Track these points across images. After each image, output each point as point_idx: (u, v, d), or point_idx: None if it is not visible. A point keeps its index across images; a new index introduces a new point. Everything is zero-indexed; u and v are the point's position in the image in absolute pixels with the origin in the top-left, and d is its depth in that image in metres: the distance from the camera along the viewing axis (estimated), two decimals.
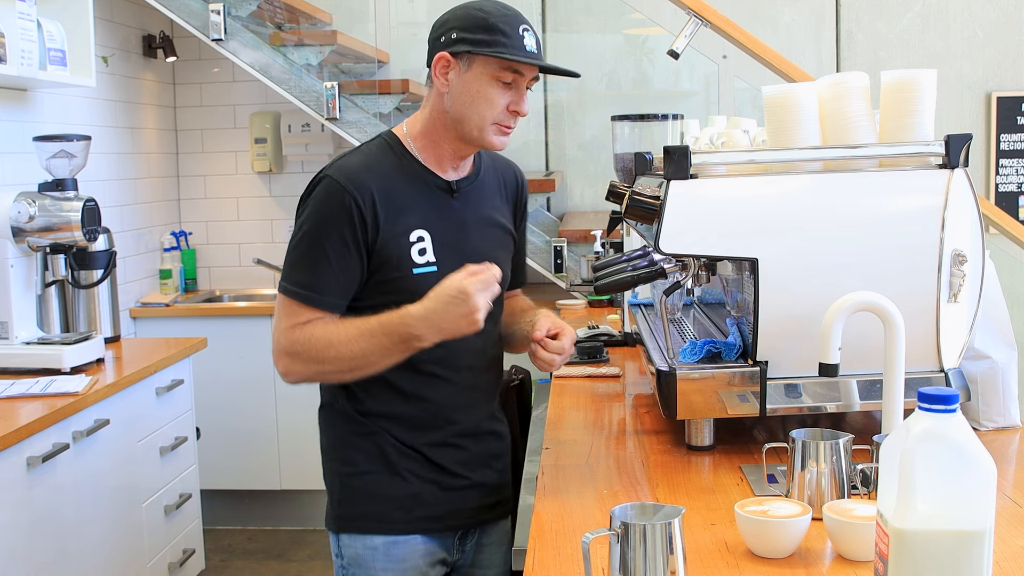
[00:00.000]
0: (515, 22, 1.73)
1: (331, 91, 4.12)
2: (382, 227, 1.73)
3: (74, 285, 3.27)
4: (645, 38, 4.92)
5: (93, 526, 2.80)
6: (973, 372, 1.92)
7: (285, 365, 1.77)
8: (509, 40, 1.71)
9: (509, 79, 1.73)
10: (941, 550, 1.07)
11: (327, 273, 1.73)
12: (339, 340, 1.70)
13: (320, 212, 1.73)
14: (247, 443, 4.40)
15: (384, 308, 1.71)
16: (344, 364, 1.71)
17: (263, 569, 4.15)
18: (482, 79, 1.73)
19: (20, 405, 2.58)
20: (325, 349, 1.71)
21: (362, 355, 1.69)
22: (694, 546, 1.45)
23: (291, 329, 1.74)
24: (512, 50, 1.71)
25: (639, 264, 2.00)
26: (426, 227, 1.78)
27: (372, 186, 1.73)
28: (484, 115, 1.74)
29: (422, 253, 1.77)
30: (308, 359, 1.73)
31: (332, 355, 1.71)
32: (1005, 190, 4.72)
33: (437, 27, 1.78)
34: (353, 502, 1.84)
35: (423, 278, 1.75)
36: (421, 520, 1.83)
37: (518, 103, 1.76)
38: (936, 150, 1.80)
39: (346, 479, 1.85)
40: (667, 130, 2.62)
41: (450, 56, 1.74)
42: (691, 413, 1.86)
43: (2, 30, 2.96)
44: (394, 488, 1.81)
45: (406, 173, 1.79)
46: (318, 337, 1.72)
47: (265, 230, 4.89)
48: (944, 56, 4.67)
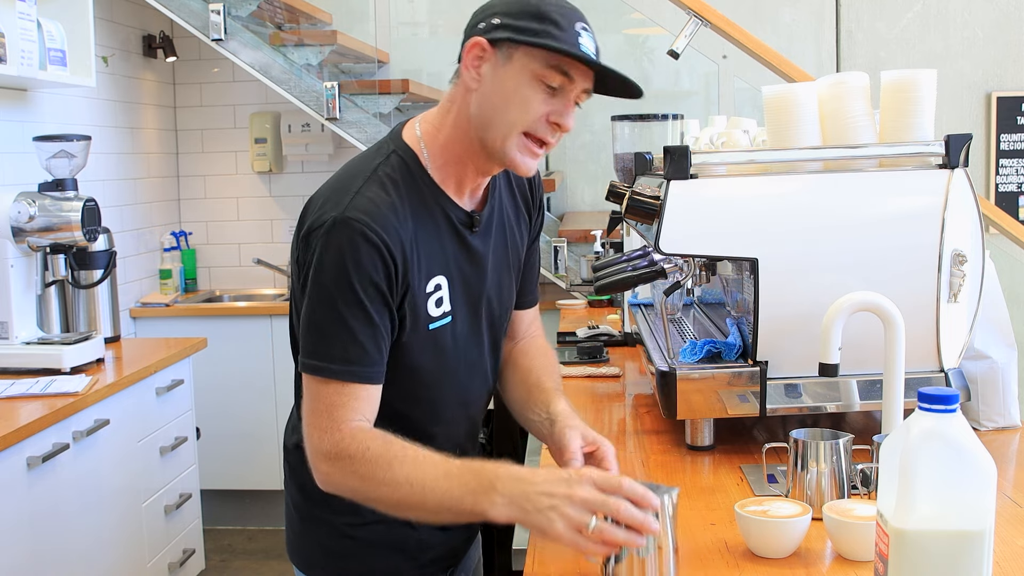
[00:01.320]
0: (572, 16, 1.41)
1: (331, 91, 4.12)
2: (411, 279, 1.43)
3: (74, 285, 3.27)
4: (645, 38, 4.92)
5: (93, 526, 2.80)
6: (973, 372, 1.92)
7: (326, 472, 1.40)
8: (563, 33, 1.38)
9: (556, 82, 1.40)
10: (941, 550, 1.08)
11: (367, 337, 1.39)
12: (401, 461, 1.34)
13: (348, 267, 1.37)
14: (247, 443, 4.40)
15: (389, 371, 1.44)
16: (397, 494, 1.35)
17: (263, 569, 4.15)
18: (522, 76, 1.40)
19: (20, 405, 2.58)
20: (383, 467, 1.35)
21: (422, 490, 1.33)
22: (694, 546, 1.45)
23: (332, 426, 1.38)
24: (563, 44, 1.38)
25: (639, 264, 2.00)
26: (445, 272, 1.48)
27: (400, 230, 1.41)
28: (514, 120, 1.41)
29: (439, 304, 1.48)
30: (363, 475, 1.37)
31: (388, 478, 1.35)
32: (1005, 190, 4.72)
33: (477, 13, 1.46)
34: (357, 556, 1.60)
35: (437, 333, 1.49)
36: (427, 565, 1.64)
37: (562, 113, 1.42)
38: (936, 150, 1.80)
39: (348, 530, 1.58)
40: (667, 130, 2.62)
41: (487, 43, 1.41)
42: (691, 413, 1.86)
43: (2, 30, 2.96)
44: (401, 536, 1.59)
45: (427, 204, 1.46)
46: (380, 451, 1.36)
47: (265, 230, 4.89)
48: (944, 56, 4.67)
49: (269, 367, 4.34)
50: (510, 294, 1.66)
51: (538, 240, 1.74)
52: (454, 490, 1.31)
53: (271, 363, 4.34)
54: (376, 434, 1.38)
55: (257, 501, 4.54)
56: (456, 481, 1.32)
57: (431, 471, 1.33)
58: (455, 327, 1.52)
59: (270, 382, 4.35)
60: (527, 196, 1.67)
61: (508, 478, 1.29)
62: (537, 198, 1.70)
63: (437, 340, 1.50)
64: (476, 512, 1.30)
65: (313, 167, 4.83)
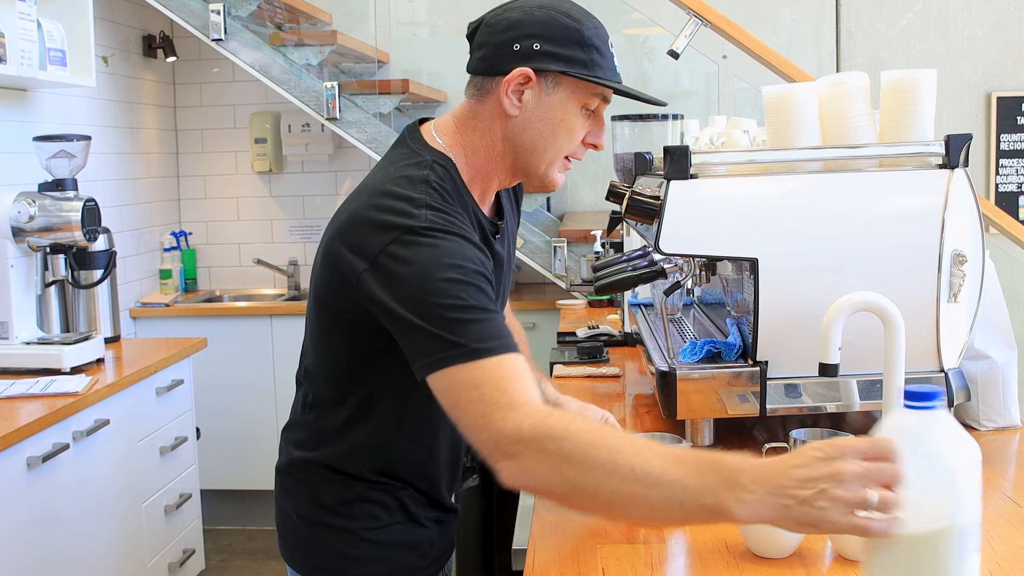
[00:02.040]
0: (605, 36, 1.46)
1: (331, 91, 4.12)
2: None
3: (74, 285, 3.28)
4: (645, 38, 4.92)
5: (93, 526, 2.80)
6: (973, 372, 1.92)
7: (520, 460, 1.19)
8: (604, 60, 1.43)
9: (595, 106, 1.46)
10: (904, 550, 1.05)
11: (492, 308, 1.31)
12: (613, 447, 1.15)
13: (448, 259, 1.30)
14: (247, 443, 4.40)
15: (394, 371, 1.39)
16: (612, 482, 1.14)
17: (263, 569, 4.15)
18: (569, 105, 1.43)
19: (20, 405, 2.58)
20: (592, 449, 1.15)
21: (657, 481, 1.12)
22: (694, 546, 1.45)
23: (513, 402, 1.20)
24: (609, 72, 1.43)
25: (639, 264, 2.00)
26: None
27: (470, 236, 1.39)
28: (561, 148, 1.44)
29: None
30: (564, 457, 1.16)
31: (600, 462, 1.14)
32: (1005, 190, 4.72)
33: (505, 29, 1.43)
34: (376, 559, 1.60)
35: None
36: (434, 562, 1.67)
37: (597, 135, 1.49)
38: (936, 150, 1.80)
39: (367, 534, 1.58)
40: (667, 130, 2.62)
41: (533, 73, 1.41)
42: (691, 413, 1.86)
43: (2, 30, 2.96)
44: (416, 536, 1.62)
45: (468, 213, 1.45)
46: (584, 431, 1.17)
47: (265, 230, 4.89)
48: (944, 56, 4.67)
49: (269, 367, 4.34)
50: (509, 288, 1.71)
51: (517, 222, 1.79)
52: (690, 483, 1.11)
53: (271, 363, 4.34)
54: (576, 418, 1.21)
55: (257, 501, 4.54)
56: (692, 472, 1.11)
57: (658, 460, 1.13)
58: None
59: (270, 382, 4.35)
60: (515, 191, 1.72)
61: (754, 470, 1.09)
62: (520, 191, 1.75)
63: None
64: (717, 511, 1.10)
65: (313, 167, 4.83)
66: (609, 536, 1.51)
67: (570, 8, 1.46)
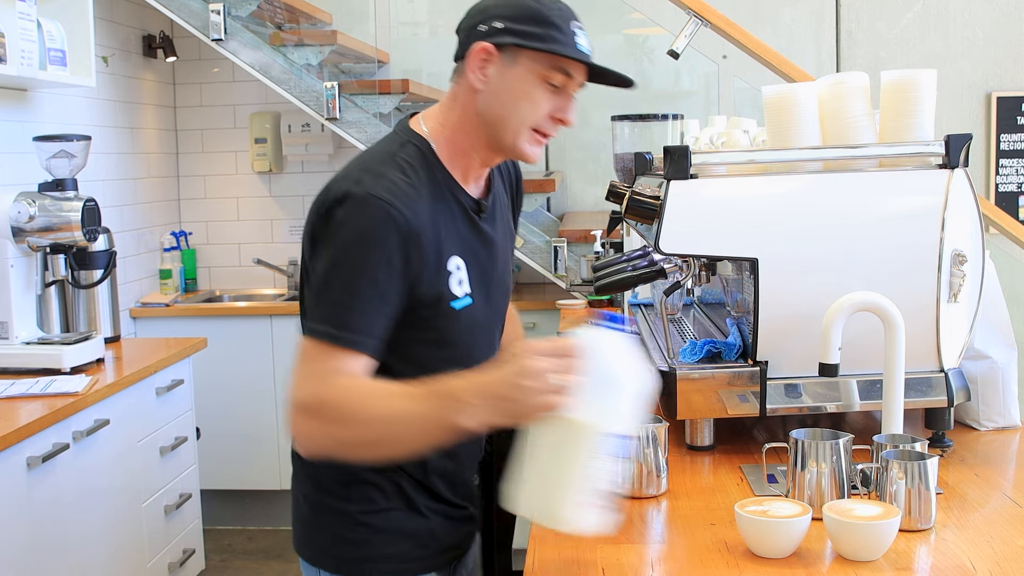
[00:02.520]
0: (568, 15, 1.52)
1: (331, 91, 4.12)
2: (428, 257, 1.49)
3: (74, 285, 3.28)
4: (645, 38, 4.92)
5: (93, 526, 2.80)
6: (973, 372, 1.92)
7: (299, 426, 1.43)
8: (563, 36, 1.50)
9: (558, 81, 1.52)
10: (556, 430, 1.29)
11: (371, 310, 1.44)
12: (369, 400, 1.39)
13: (369, 240, 1.43)
14: (247, 443, 4.40)
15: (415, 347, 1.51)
16: (372, 432, 1.40)
17: (263, 569, 4.15)
18: (528, 78, 1.51)
19: (20, 405, 2.58)
20: (356, 409, 1.40)
21: (394, 421, 1.38)
22: (694, 546, 1.45)
23: (315, 380, 1.42)
24: (567, 48, 1.50)
25: (639, 264, 2.00)
26: (462, 254, 1.55)
27: (418, 206, 1.48)
28: (525, 118, 1.52)
29: (460, 284, 1.54)
30: (335, 419, 1.40)
31: (361, 417, 1.39)
32: (1005, 190, 4.72)
33: (475, 14, 1.55)
34: (372, 543, 1.62)
35: (461, 313, 1.54)
36: (436, 555, 1.65)
37: (564, 110, 1.54)
38: (936, 150, 1.80)
39: (363, 518, 1.61)
40: (667, 130, 2.62)
41: (493, 48, 1.50)
42: (691, 413, 1.86)
43: (2, 30, 2.96)
44: (415, 525, 1.62)
45: (442, 190, 1.55)
46: (350, 395, 1.40)
47: (265, 230, 4.89)
48: (944, 56, 4.67)
49: (269, 367, 4.34)
50: (510, 278, 1.73)
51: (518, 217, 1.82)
52: (427, 412, 1.35)
53: (271, 363, 4.34)
54: (345, 383, 1.41)
55: (257, 501, 4.54)
56: (425, 403, 1.36)
57: (399, 402, 1.38)
58: (475, 309, 1.57)
59: (270, 382, 4.35)
60: (513, 186, 1.77)
61: (470, 387, 1.34)
62: (520, 188, 1.80)
63: (462, 320, 1.55)
64: (453, 428, 1.35)
65: (313, 167, 4.83)
66: (609, 536, 1.51)
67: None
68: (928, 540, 1.44)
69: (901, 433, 1.63)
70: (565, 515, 1.31)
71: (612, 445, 1.30)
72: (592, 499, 1.31)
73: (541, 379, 1.29)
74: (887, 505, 1.43)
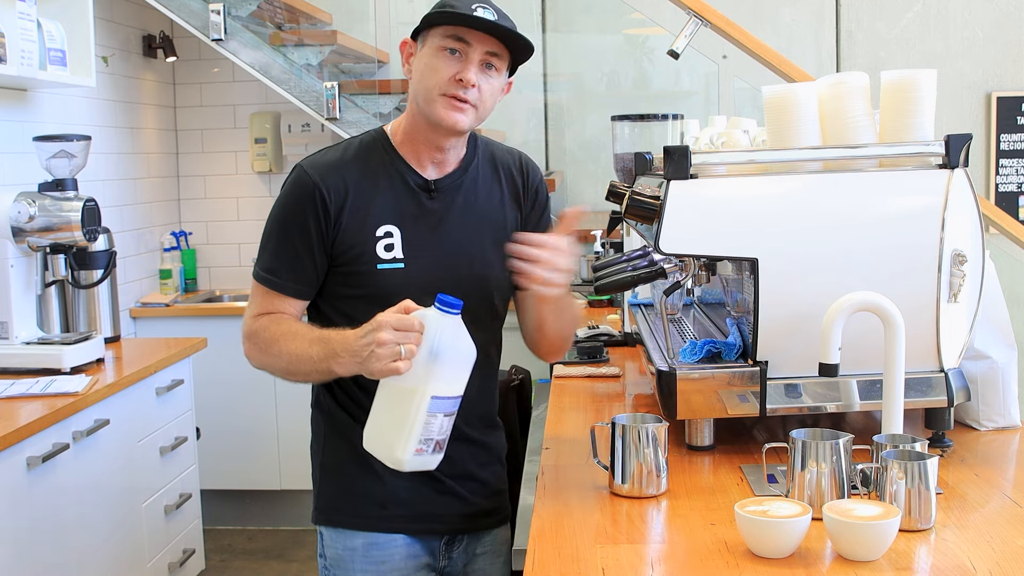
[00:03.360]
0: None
1: (331, 91, 4.12)
2: (346, 220, 1.73)
3: (74, 285, 3.27)
4: (645, 38, 4.92)
5: (93, 526, 2.80)
6: (973, 372, 1.92)
7: (246, 348, 1.79)
8: (455, 8, 1.67)
9: (454, 47, 1.68)
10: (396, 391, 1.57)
11: (290, 260, 1.74)
12: (283, 338, 1.71)
13: (288, 200, 1.75)
14: (247, 443, 4.40)
15: (349, 302, 1.75)
16: (282, 363, 1.72)
17: (263, 569, 4.15)
18: (430, 51, 1.70)
19: (20, 405, 2.58)
20: (272, 343, 1.72)
21: (295, 358, 1.69)
22: (694, 546, 1.45)
23: (255, 316, 1.77)
24: (448, 17, 1.67)
25: (639, 264, 2.00)
26: (397, 224, 1.75)
27: (340, 179, 1.74)
28: (431, 86, 1.69)
29: (388, 249, 1.74)
30: (261, 348, 1.75)
31: (275, 351, 1.72)
32: (1005, 190, 4.72)
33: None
34: (331, 495, 1.84)
35: (389, 274, 1.74)
36: (398, 519, 1.80)
37: (462, 71, 1.68)
38: (936, 150, 1.80)
39: (325, 472, 1.85)
40: (667, 130, 2.62)
41: (410, 39, 1.77)
42: (691, 413, 1.86)
43: (2, 30, 2.96)
44: (369, 486, 1.79)
45: (385, 169, 1.78)
46: (271, 330, 1.73)
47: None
48: (944, 56, 4.67)
49: None
50: (500, 271, 1.77)
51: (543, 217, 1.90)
52: (315, 355, 1.65)
53: None
54: (273, 318, 1.75)
55: (257, 501, 4.54)
56: (315, 347, 1.65)
57: (296, 343, 1.69)
58: (409, 275, 1.74)
59: (270, 382, 4.34)
60: (515, 182, 1.87)
61: (341, 341, 1.60)
62: (531, 185, 1.88)
63: (391, 281, 1.73)
64: (331, 372, 1.64)
65: None
66: (609, 536, 1.51)
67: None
68: (928, 540, 1.44)
69: (901, 433, 1.63)
70: (400, 457, 1.57)
71: (439, 404, 1.56)
72: (422, 446, 1.56)
73: (386, 347, 1.52)
74: (887, 505, 1.43)
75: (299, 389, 1.91)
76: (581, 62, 4.88)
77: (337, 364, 1.62)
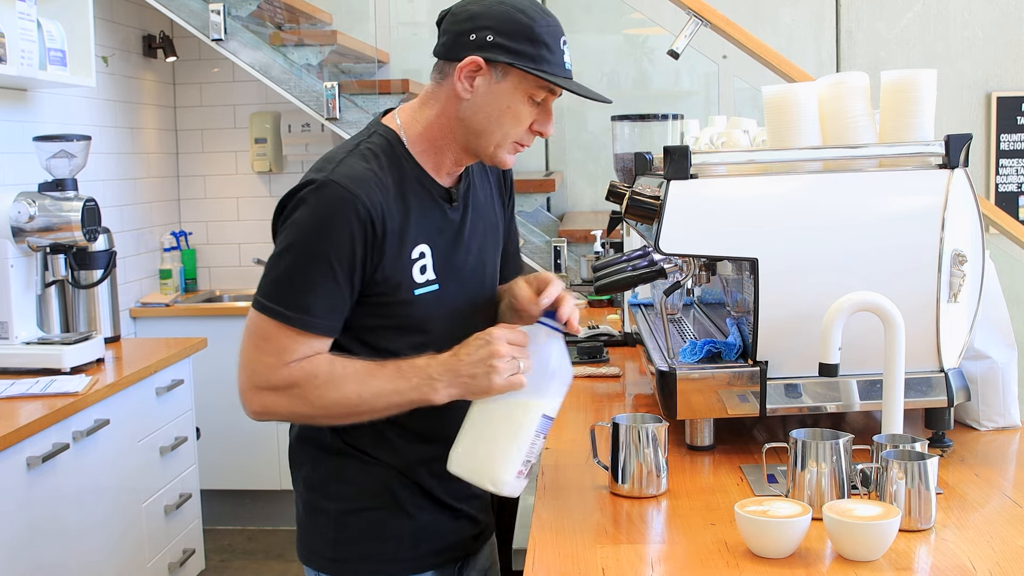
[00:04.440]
0: (557, 33, 1.56)
1: (331, 91, 4.12)
2: (388, 244, 1.53)
3: (74, 285, 3.27)
4: (645, 38, 4.92)
5: (93, 526, 2.80)
6: (973, 372, 1.92)
7: (264, 402, 1.51)
8: (553, 56, 1.53)
9: (541, 97, 1.56)
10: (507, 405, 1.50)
11: (328, 293, 1.50)
12: (350, 379, 1.49)
13: (324, 223, 1.49)
14: (247, 443, 4.39)
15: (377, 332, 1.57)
16: (346, 407, 1.50)
17: (263, 569, 4.15)
18: (515, 95, 1.54)
19: (20, 405, 2.58)
20: (332, 387, 1.49)
21: (373, 396, 1.48)
22: (694, 546, 1.45)
23: (282, 365, 1.49)
24: (556, 68, 1.53)
25: (639, 264, 2.00)
26: (428, 241, 1.58)
27: (379, 195, 1.51)
28: (508, 133, 1.56)
29: (423, 271, 1.58)
30: (300, 397, 1.50)
31: (336, 396, 1.49)
32: (1005, 190, 4.72)
33: (464, 20, 1.55)
34: (353, 542, 1.64)
35: (424, 299, 1.58)
36: (427, 556, 1.66)
37: (544, 123, 1.58)
38: (936, 150, 1.80)
39: (342, 517, 1.64)
40: (667, 130, 2.62)
41: (483, 62, 1.52)
42: (691, 413, 1.86)
43: (2, 30, 2.96)
44: (400, 525, 1.63)
45: (408, 179, 1.58)
46: (320, 373, 1.49)
47: (265, 230, 4.83)
48: (944, 56, 4.67)
49: None
50: (495, 270, 1.75)
51: (514, 220, 1.84)
52: (400, 389, 1.48)
53: None
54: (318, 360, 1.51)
55: (257, 501, 4.54)
56: (399, 381, 1.48)
57: (375, 379, 1.49)
58: (444, 296, 1.60)
59: None
60: (500, 180, 1.79)
61: (438, 364, 1.48)
62: (509, 182, 1.81)
63: (425, 306, 1.58)
64: (422, 400, 1.49)
65: None
66: (609, 536, 1.51)
67: (527, 6, 1.55)
68: (928, 540, 1.44)
69: (901, 433, 1.63)
70: (503, 477, 1.49)
71: (545, 424, 1.51)
72: (523, 468, 1.50)
73: (506, 362, 1.45)
74: (887, 505, 1.43)
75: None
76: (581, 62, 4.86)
77: (434, 391, 1.48)
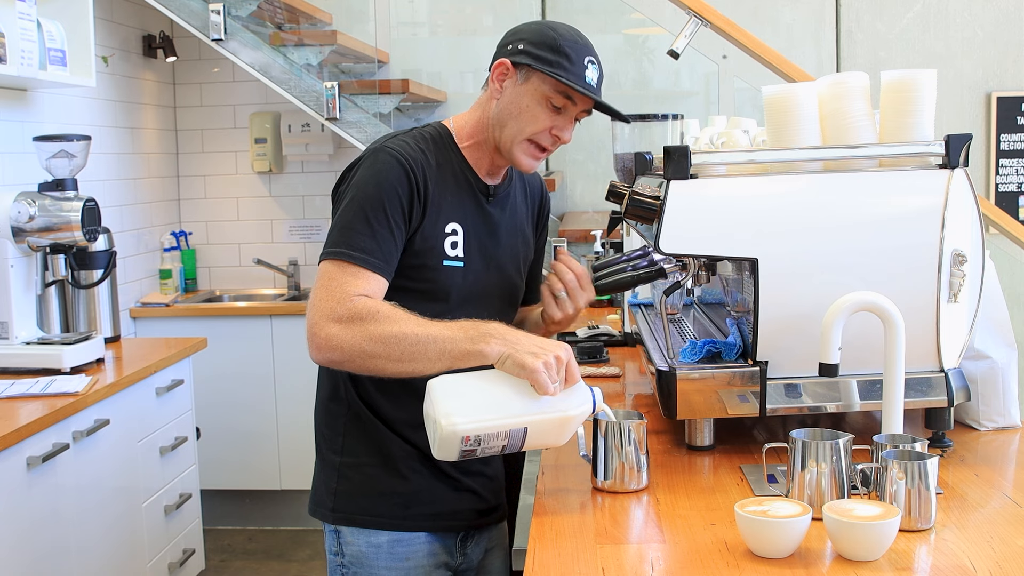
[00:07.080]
0: (583, 51, 1.74)
1: (331, 91, 4.12)
2: (428, 210, 1.73)
3: (74, 285, 3.28)
4: (645, 38, 4.92)
5: (93, 526, 2.80)
6: (973, 372, 1.92)
7: (329, 334, 1.61)
8: (571, 66, 1.72)
9: (560, 103, 1.74)
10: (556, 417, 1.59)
11: (384, 239, 1.68)
12: (407, 320, 1.60)
13: (382, 179, 1.69)
14: (247, 443, 4.40)
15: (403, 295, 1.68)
16: (403, 345, 1.58)
17: (263, 569, 4.15)
18: (534, 95, 1.74)
19: (20, 405, 2.58)
20: (392, 322, 1.59)
21: (429, 339, 1.57)
22: (694, 546, 1.45)
23: (347, 298, 1.62)
24: (571, 76, 1.71)
25: (639, 264, 2.00)
26: (461, 223, 1.78)
27: (423, 169, 1.73)
28: (523, 128, 1.75)
29: (454, 247, 1.77)
30: (362, 330, 1.59)
31: (393, 331, 1.58)
32: (1005, 190, 4.72)
33: (508, 35, 1.80)
34: (351, 495, 1.81)
35: (450, 272, 1.76)
36: (421, 518, 1.80)
37: (562, 128, 1.76)
38: (936, 150, 1.80)
39: (344, 470, 1.81)
40: (667, 130, 2.62)
41: (510, 64, 1.75)
42: (691, 413, 1.86)
43: (2, 30, 2.96)
44: (394, 485, 1.79)
45: (452, 166, 1.80)
46: (382, 309, 1.61)
47: (265, 230, 4.89)
48: (944, 56, 4.67)
49: (269, 367, 4.34)
50: (519, 281, 1.92)
51: (543, 252, 2.03)
52: (456, 337, 1.57)
53: (271, 363, 4.34)
54: (380, 301, 1.64)
55: (257, 501, 4.54)
56: (458, 331, 1.58)
57: (434, 327, 1.59)
58: (467, 274, 1.78)
59: (270, 382, 4.35)
60: (536, 205, 1.98)
61: (499, 325, 1.60)
62: (545, 211, 2.02)
63: (452, 278, 1.76)
64: (474, 351, 1.56)
65: (313, 167, 4.83)
66: (609, 536, 1.51)
67: (560, 26, 1.78)
68: (928, 540, 1.44)
69: (901, 433, 1.63)
70: (456, 421, 1.52)
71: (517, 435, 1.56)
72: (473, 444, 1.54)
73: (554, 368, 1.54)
74: (887, 505, 1.43)
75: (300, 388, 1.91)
76: None
77: (487, 344, 1.56)
